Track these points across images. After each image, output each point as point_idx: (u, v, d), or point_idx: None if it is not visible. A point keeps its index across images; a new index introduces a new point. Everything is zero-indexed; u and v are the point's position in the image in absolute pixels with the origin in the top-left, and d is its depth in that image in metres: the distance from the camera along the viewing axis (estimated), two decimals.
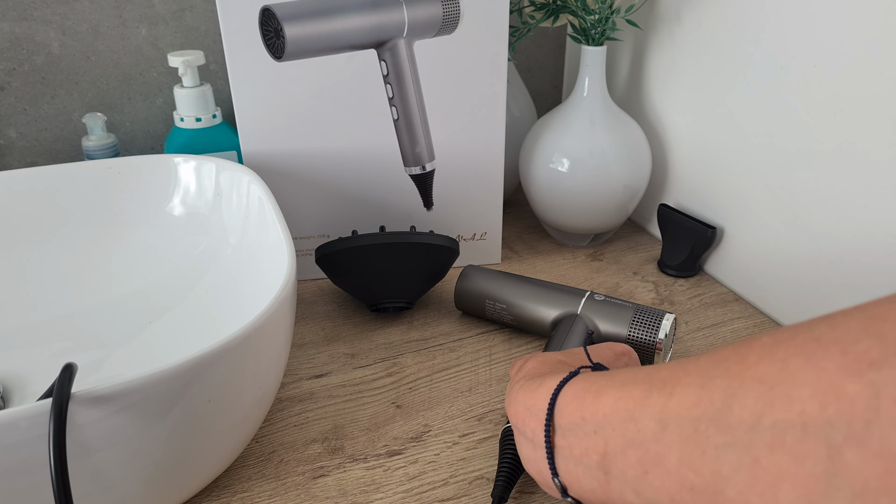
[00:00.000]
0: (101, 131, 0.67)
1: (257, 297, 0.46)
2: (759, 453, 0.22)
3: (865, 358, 0.20)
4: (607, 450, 0.29)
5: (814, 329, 0.23)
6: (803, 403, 0.21)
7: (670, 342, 0.52)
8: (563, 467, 0.33)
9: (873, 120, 0.49)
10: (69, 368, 0.32)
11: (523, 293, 0.57)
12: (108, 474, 0.34)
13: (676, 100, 0.68)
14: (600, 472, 0.30)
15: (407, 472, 0.45)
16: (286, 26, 0.55)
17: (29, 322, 0.54)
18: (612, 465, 0.29)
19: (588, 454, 0.30)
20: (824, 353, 0.21)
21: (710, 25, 0.62)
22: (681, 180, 0.70)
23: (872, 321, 0.21)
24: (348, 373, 0.54)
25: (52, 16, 0.68)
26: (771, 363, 0.23)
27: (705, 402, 0.25)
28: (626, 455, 0.28)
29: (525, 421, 0.36)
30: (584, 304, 0.54)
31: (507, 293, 0.57)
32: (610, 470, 0.29)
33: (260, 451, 0.47)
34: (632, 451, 0.28)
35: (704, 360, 0.26)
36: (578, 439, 0.31)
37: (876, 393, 0.19)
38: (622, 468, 0.28)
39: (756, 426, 0.22)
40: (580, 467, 0.31)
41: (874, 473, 0.19)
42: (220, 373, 0.35)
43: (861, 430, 0.19)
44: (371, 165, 0.62)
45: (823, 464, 0.20)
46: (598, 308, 0.53)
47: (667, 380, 0.27)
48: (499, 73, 0.60)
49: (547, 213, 0.70)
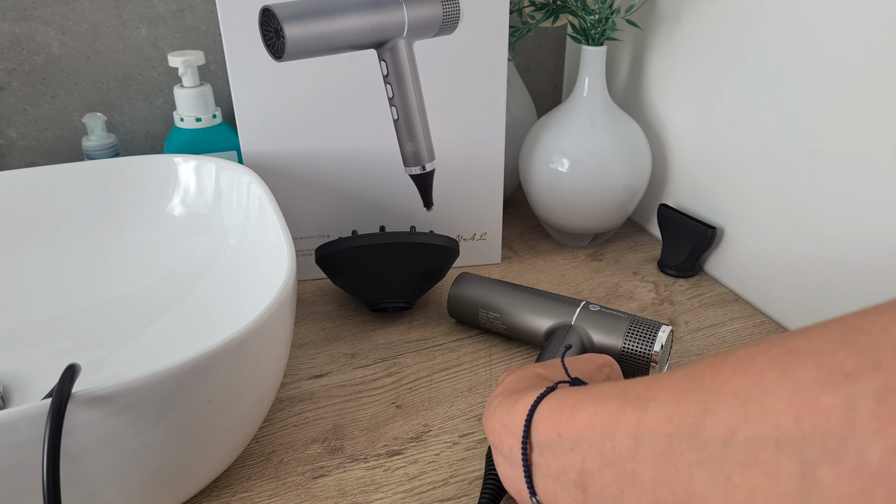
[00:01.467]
0: (101, 131, 0.67)
1: (257, 297, 0.46)
2: (731, 471, 0.21)
3: (841, 370, 0.19)
4: (584, 467, 0.28)
5: (789, 341, 0.22)
6: (777, 418, 0.20)
7: (667, 354, 0.52)
8: (540, 486, 0.32)
9: (873, 120, 0.49)
10: (72, 369, 0.32)
11: (517, 302, 0.56)
12: (107, 474, 0.34)
13: (676, 100, 0.68)
14: (577, 491, 0.29)
15: (407, 472, 0.45)
16: (286, 26, 0.55)
17: (29, 322, 0.54)
18: (590, 483, 0.28)
19: (565, 472, 0.30)
20: (800, 365, 0.21)
21: (709, 25, 0.62)
22: (681, 180, 0.70)
23: (849, 333, 0.20)
24: (348, 373, 0.54)
25: (52, 16, 0.68)
26: (745, 376, 0.22)
27: (679, 418, 0.24)
28: (603, 473, 0.27)
29: (502, 439, 0.35)
30: (578, 315, 0.53)
31: (500, 302, 0.56)
32: (587, 488, 0.28)
33: (260, 451, 0.47)
34: (608, 469, 0.27)
35: (680, 373, 0.26)
36: (556, 456, 0.30)
37: (851, 405, 0.19)
38: (599, 486, 0.28)
39: (729, 442, 0.22)
40: (557, 485, 0.30)
41: (849, 492, 0.18)
42: (219, 373, 0.35)
43: (836, 446, 0.19)
44: (371, 165, 0.62)
45: (797, 482, 0.19)
46: (592, 319, 0.52)
47: (641, 394, 0.27)
48: (499, 73, 0.60)
49: (547, 213, 0.70)
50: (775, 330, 0.60)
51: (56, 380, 0.31)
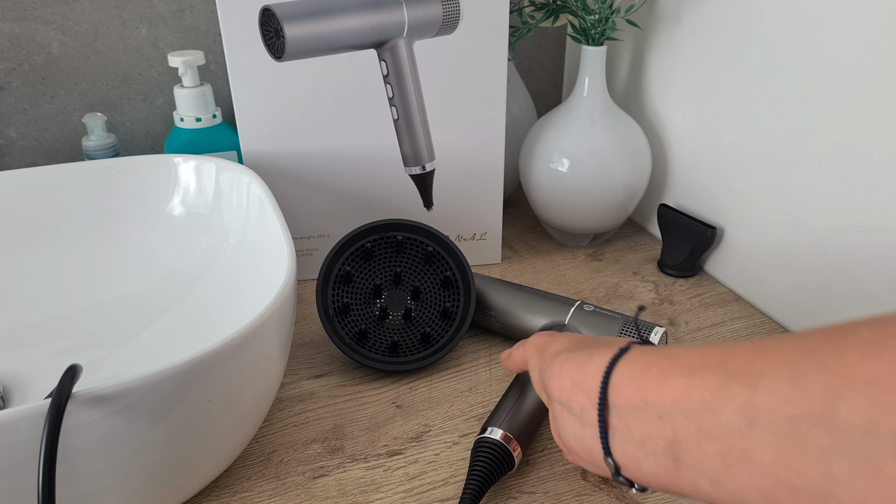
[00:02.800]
0: (101, 131, 0.67)
1: (257, 297, 0.46)
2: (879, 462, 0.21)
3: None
4: (677, 437, 0.28)
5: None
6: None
7: None
8: (618, 448, 0.32)
9: (873, 120, 0.49)
10: (73, 369, 0.32)
11: (512, 300, 0.56)
12: (107, 474, 0.34)
13: (676, 100, 0.68)
14: (668, 459, 0.29)
15: (407, 472, 0.45)
16: (286, 26, 0.55)
17: (29, 322, 0.54)
18: (685, 453, 0.28)
19: (652, 439, 0.30)
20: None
21: (709, 25, 0.62)
22: (681, 180, 0.70)
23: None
24: (348, 373, 0.54)
25: (52, 16, 0.68)
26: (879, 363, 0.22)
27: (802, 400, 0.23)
28: (702, 445, 0.27)
29: (572, 397, 0.34)
30: (572, 314, 0.53)
31: (496, 300, 0.56)
32: (681, 457, 0.28)
33: (260, 451, 0.47)
34: (709, 443, 0.27)
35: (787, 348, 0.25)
36: (639, 422, 0.30)
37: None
38: (697, 458, 0.27)
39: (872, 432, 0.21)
40: (641, 451, 0.30)
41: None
42: (219, 373, 0.35)
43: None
44: (371, 165, 0.62)
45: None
46: (586, 318, 0.53)
47: (746, 370, 0.26)
48: (499, 73, 0.60)
49: (547, 213, 0.70)
50: (775, 330, 0.60)
51: (56, 380, 0.31)
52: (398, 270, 0.55)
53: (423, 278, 0.55)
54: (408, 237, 0.55)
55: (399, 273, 0.55)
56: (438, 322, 0.55)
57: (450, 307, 0.55)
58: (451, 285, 0.55)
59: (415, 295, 0.55)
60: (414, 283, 0.55)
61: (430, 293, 0.55)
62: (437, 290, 0.55)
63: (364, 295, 0.55)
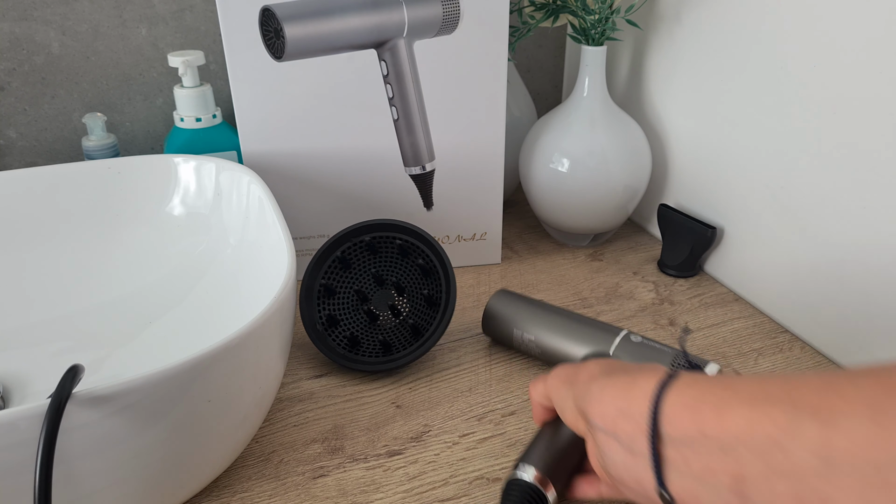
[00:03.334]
0: (101, 131, 0.67)
1: (257, 297, 0.46)
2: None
3: None
4: (743, 473, 0.27)
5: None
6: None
7: None
8: (675, 481, 0.30)
9: (873, 120, 0.49)
10: (74, 369, 0.32)
11: (554, 326, 0.53)
12: (107, 474, 0.34)
13: (676, 100, 0.68)
14: (732, 496, 0.28)
15: (407, 472, 0.45)
16: (286, 26, 0.55)
17: (29, 322, 0.54)
18: (753, 491, 0.27)
19: (714, 474, 0.28)
20: None
21: (709, 25, 0.62)
22: (681, 180, 0.70)
23: None
24: (348, 373, 0.54)
25: (52, 16, 0.68)
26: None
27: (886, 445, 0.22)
28: (773, 484, 0.26)
29: (618, 424, 0.32)
30: (617, 344, 0.50)
31: (536, 324, 0.53)
32: (749, 496, 0.27)
33: (260, 451, 0.47)
34: (781, 483, 0.25)
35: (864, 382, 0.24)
36: (698, 455, 0.29)
37: None
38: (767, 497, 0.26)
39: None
40: (702, 486, 0.29)
41: None
42: (219, 373, 0.35)
43: None
44: (371, 165, 0.62)
45: None
46: (633, 350, 0.49)
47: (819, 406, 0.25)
48: (499, 73, 0.60)
49: (547, 213, 0.70)
50: (775, 330, 0.60)
51: (57, 380, 0.31)
52: (375, 271, 0.55)
53: (403, 272, 0.56)
54: (376, 237, 0.56)
55: (378, 273, 0.55)
56: (426, 311, 0.55)
57: (433, 294, 0.55)
58: (429, 273, 0.55)
59: (399, 290, 0.55)
60: (395, 279, 0.55)
61: (411, 285, 0.55)
62: (418, 280, 0.55)
63: (349, 303, 0.55)
